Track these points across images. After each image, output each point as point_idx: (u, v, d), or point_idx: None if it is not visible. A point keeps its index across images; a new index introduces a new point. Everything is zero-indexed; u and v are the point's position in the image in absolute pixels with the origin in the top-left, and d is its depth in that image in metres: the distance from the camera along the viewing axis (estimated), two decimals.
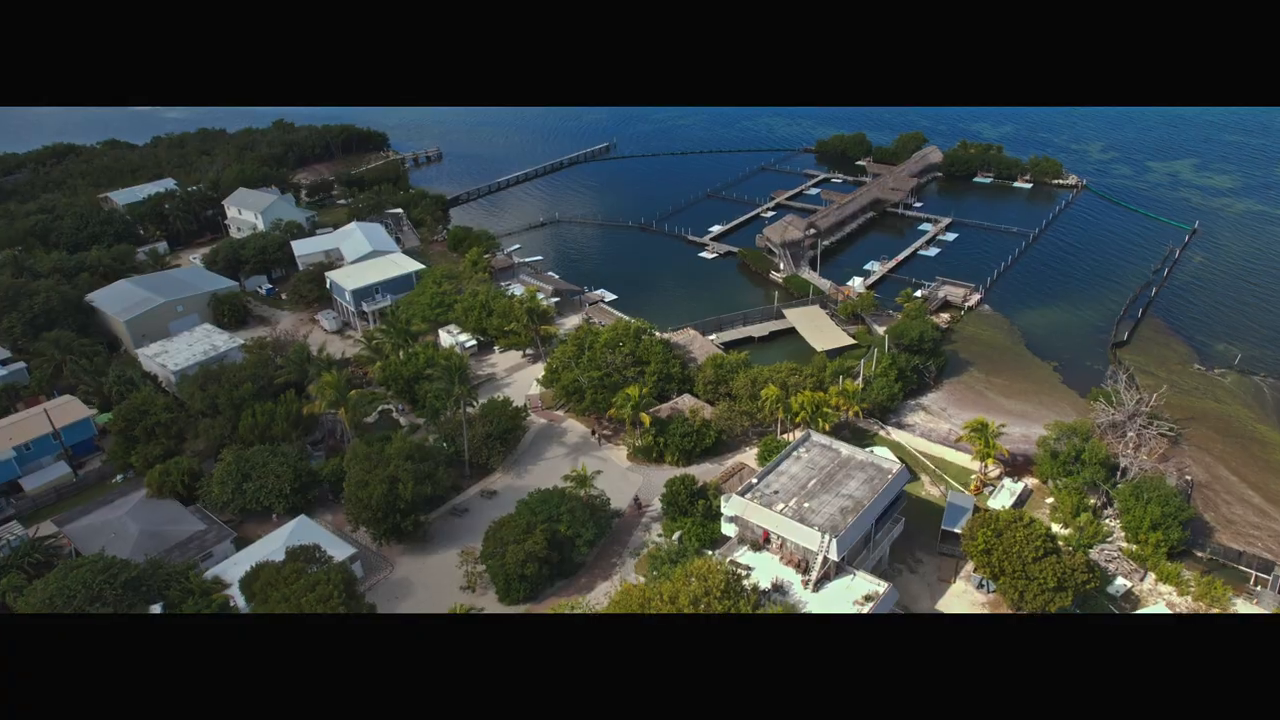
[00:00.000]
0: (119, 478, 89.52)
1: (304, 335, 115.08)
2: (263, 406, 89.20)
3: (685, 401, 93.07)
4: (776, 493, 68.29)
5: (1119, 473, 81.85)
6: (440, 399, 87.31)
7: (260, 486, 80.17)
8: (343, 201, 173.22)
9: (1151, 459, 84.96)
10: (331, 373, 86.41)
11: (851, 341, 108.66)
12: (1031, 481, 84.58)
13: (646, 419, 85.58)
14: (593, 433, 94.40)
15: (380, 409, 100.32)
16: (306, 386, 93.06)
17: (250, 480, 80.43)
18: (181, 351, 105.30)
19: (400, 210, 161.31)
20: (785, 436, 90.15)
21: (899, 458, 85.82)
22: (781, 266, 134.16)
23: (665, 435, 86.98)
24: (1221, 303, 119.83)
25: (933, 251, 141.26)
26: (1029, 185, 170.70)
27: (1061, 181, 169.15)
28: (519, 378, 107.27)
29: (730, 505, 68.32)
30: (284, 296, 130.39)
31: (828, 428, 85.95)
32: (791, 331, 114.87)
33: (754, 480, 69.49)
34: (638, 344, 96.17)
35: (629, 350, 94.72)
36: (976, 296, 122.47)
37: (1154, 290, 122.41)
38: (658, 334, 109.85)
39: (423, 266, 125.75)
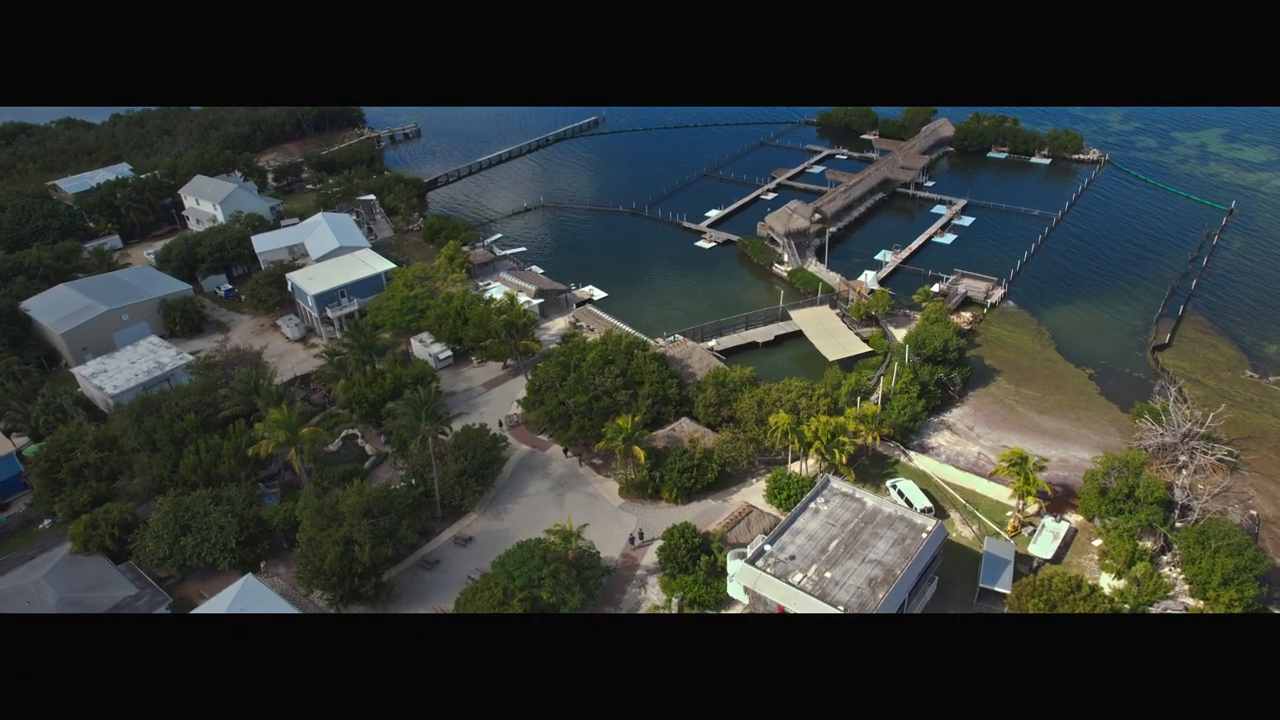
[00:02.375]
0: (46, 522, 79.38)
1: (259, 349, 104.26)
2: (207, 441, 78.90)
3: (684, 427, 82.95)
4: (792, 558, 58.49)
5: (1176, 511, 72.28)
6: (407, 432, 76.97)
7: (201, 540, 70.18)
8: (312, 187, 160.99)
9: (1208, 489, 75.36)
10: (281, 409, 75.65)
11: (866, 349, 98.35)
12: (1075, 518, 75.06)
13: (641, 455, 75.49)
14: (566, 452, 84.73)
15: (345, 434, 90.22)
16: (254, 424, 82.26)
17: (190, 533, 70.41)
18: (122, 371, 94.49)
19: (373, 197, 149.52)
20: (795, 466, 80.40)
21: (925, 491, 76.47)
22: (786, 258, 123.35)
23: (662, 469, 77.04)
24: (1269, 297, 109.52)
25: (948, 238, 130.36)
26: (1047, 161, 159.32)
27: (1082, 156, 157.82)
28: (498, 394, 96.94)
29: (739, 574, 58.65)
30: (243, 298, 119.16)
31: (844, 459, 76.15)
32: (799, 334, 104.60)
33: (766, 545, 59.61)
34: (629, 362, 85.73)
35: (620, 369, 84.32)
36: (1000, 292, 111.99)
37: (1193, 283, 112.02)
38: (652, 342, 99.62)
39: (393, 265, 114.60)
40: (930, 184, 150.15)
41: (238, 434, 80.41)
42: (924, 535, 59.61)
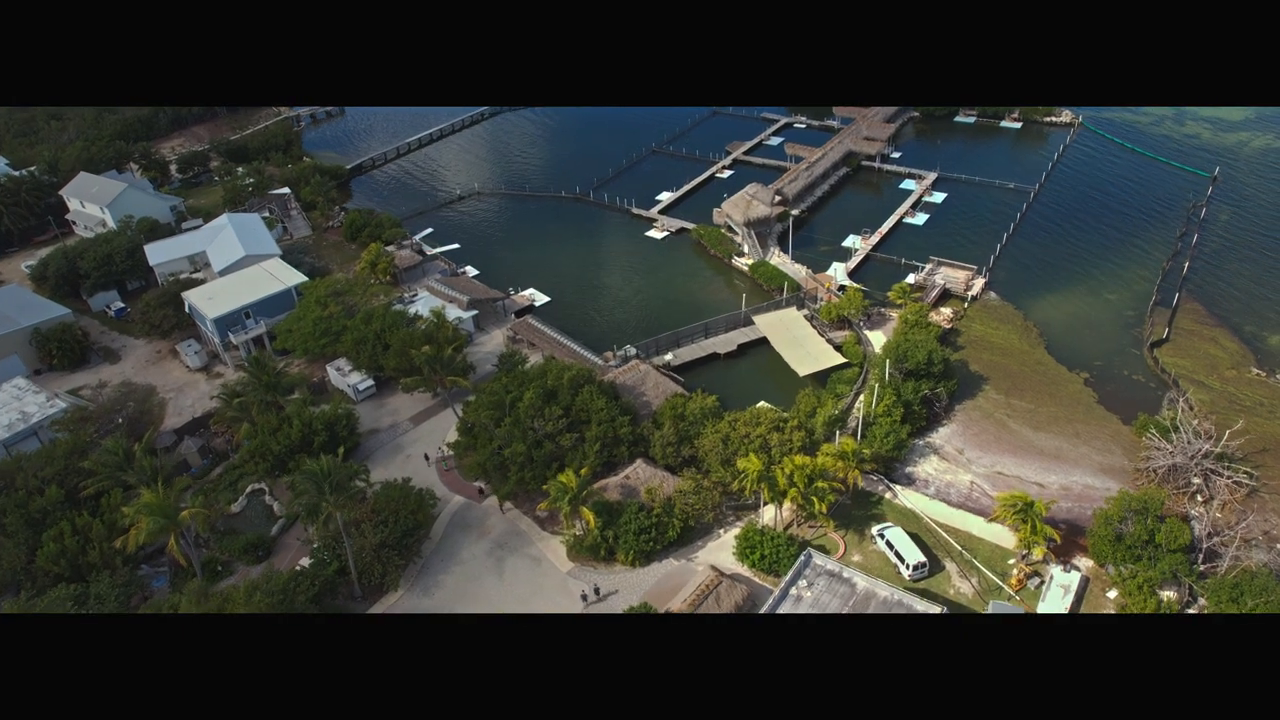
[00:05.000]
0: None
1: (151, 387, 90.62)
2: (73, 521, 66.24)
3: (639, 473, 72.16)
4: None
5: (1200, 554, 63.79)
6: (311, 507, 65.00)
7: None
8: (218, 180, 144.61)
9: (1233, 523, 67.02)
10: (154, 489, 62.81)
11: (840, 359, 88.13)
12: (1084, 562, 66.36)
13: (590, 517, 64.71)
14: (481, 492, 74.33)
15: (251, 489, 77.96)
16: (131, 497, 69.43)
17: None
18: None
19: (287, 190, 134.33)
20: (768, 512, 70.47)
21: (915, 537, 67.05)
22: (746, 249, 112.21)
23: (615, 528, 66.43)
24: (1265, 277, 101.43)
25: (920, 219, 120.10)
26: (1018, 125, 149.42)
27: (1055, 119, 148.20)
28: (427, 429, 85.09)
29: None
30: (136, 320, 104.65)
31: (825, 508, 66.30)
32: (764, 341, 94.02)
33: None
34: (574, 397, 74.37)
35: (563, 407, 72.98)
36: (980, 282, 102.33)
37: (1185, 265, 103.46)
38: (601, 359, 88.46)
39: (305, 279, 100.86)
40: (897, 155, 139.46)
41: (112, 508, 67.85)
42: None
